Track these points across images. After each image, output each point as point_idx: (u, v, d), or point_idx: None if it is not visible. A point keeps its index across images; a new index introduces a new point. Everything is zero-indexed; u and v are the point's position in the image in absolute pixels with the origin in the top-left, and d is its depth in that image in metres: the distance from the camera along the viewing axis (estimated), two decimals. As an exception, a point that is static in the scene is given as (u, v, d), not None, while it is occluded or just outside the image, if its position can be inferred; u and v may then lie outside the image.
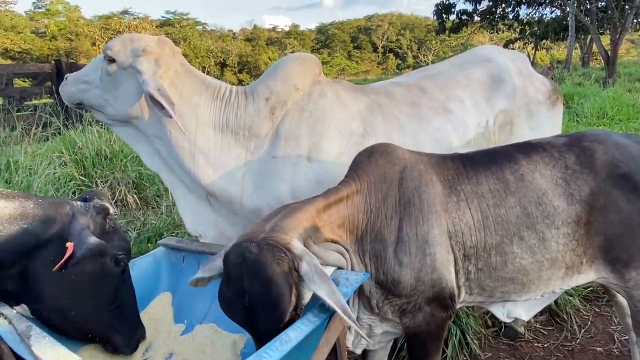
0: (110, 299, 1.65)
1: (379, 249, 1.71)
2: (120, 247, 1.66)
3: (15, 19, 46.97)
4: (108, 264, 1.62)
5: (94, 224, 1.58)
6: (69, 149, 5.38)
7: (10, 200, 1.53)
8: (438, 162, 1.84)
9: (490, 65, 2.45)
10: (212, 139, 2.15)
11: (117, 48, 2.06)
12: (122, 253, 1.66)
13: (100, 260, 1.60)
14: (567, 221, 1.78)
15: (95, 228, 1.58)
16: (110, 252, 1.62)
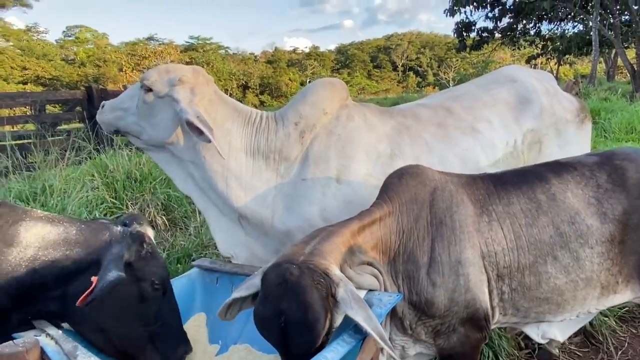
0: (150, 321, 1.69)
1: (411, 269, 1.72)
2: (156, 273, 1.70)
3: (46, 47, 48.98)
4: (145, 289, 1.67)
5: (129, 252, 1.63)
6: (101, 172, 5.54)
7: (56, 225, 1.61)
8: (468, 182, 1.85)
9: (516, 86, 2.47)
10: (244, 163, 2.21)
11: (154, 78, 2.16)
12: (159, 279, 1.70)
13: (136, 285, 1.65)
14: (600, 240, 1.77)
15: (130, 255, 1.63)
16: (147, 277, 1.66)
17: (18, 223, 1.56)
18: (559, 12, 19.80)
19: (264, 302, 1.46)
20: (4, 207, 1.58)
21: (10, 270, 1.51)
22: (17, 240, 1.54)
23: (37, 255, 1.55)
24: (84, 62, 49.02)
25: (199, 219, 4.91)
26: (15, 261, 1.52)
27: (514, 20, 22.33)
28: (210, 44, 58.33)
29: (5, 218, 1.55)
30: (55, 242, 1.58)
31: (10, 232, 1.54)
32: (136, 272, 1.64)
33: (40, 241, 1.56)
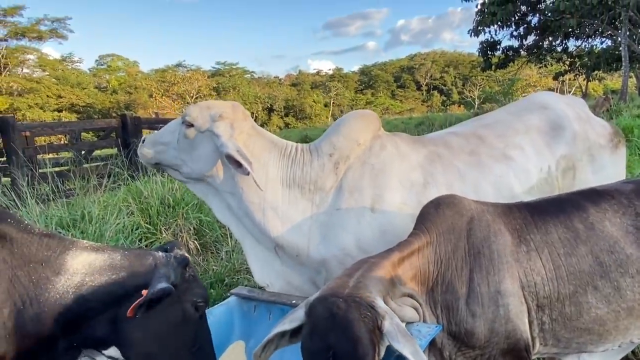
0: (191, 343, 1.75)
1: (450, 300, 1.73)
2: (199, 295, 1.77)
3: (80, 76, 51.04)
4: (188, 310, 1.73)
5: (174, 274, 1.69)
6: (136, 198, 5.71)
7: (100, 252, 1.69)
8: (504, 211, 1.86)
9: (547, 112, 2.48)
10: (280, 193, 2.28)
11: (196, 114, 2.27)
12: (202, 300, 1.77)
13: (181, 306, 1.71)
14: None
15: (175, 277, 1.69)
16: (190, 299, 1.73)
17: (65, 252, 1.64)
18: (586, 29, 19.57)
19: (311, 336, 1.48)
20: (52, 238, 1.66)
21: (59, 298, 1.58)
22: (65, 269, 1.61)
23: (84, 281, 1.61)
24: (115, 90, 50.82)
25: (231, 244, 5.00)
26: (63, 288, 1.59)
27: (539, 37, 22.14)
28: (236, 68, 59.74)
29: (54, 248, 1.63)
30: (102, 268, 1.65)
31: (58, 262, 1.61)
32: (180, 294, 1.70)
33: (87, 268, 1.63)
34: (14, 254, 1.56)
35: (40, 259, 1.59)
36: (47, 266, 1.60)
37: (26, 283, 1.56)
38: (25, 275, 1.56)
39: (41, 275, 1.58)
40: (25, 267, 1.56)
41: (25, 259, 1.57)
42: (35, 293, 1.56)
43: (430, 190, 2.24)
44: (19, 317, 1.53)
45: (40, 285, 1.57)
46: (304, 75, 68.08)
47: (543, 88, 42.82)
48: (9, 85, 40.36)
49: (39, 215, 4.87)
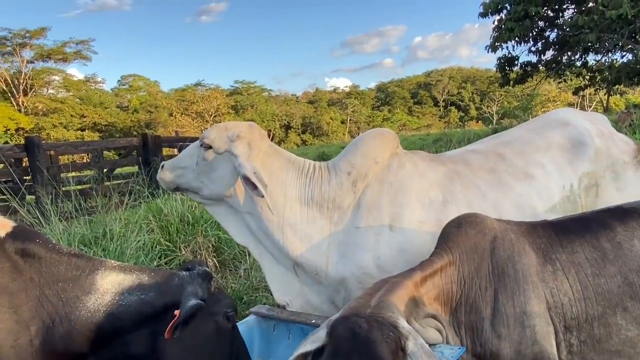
0: (228, 353, 1.78)
1: (474, 320, 1.70)
2: (228, 305, 1.81)
3: (103, 96, 52.31)
4: (220, 322, 1.77)
5: (201, 290, 1.73)
6: (156, 216, 5.79)
7: (128, 273, 1.73)
8: (528, 230, 1.83)
9: (569, 129, 2.45)
10: (298, 212, 2.29)
11: (214, 136, 2.30)
12: (231, 310, 1.81)
13: (212, 319, 1.75)
14: None
15: (203, 293, 1.72)
16: (220, 311, 1.77)
17: (94, 272, 1.68)
18: (605, 43, 19.35)
19: (333, 357, 1.45)
20: (80, 258, 1.70)
21: (90, 316, 1.61)
22: (95, 288, 1.64)
23: (115, 301, 1.65)
24: (137, 109, 51.89)
25: (249, 261, 5.01)
26: (94, 307, 1.62)
27: (558, 53, 21.94)
28: (254, 87, 60.52)
29: (83, 268, 1.67)
30: (131, 288, 1.68)
31: (87, 281, 1.65)
32: (210, 308, 1.74)
33: (116, 287, 1.67)
34: (42, 273, 1.60)
35: (69, 278, 1.63)
36: (77, 285, 1.63)
37: (55, 301, 1.59)
38: (54, 294, 1.59)
39: (71, 294, 1.61)
40: (54, 286, 1.60)
41: (53, 278, 1.61)
42: (65, 311, 1.59)
43: (450, 208, 2.22)
44: (47, 335, 1.56)
45: (70, 303, 1.60)
46: (321, 93, 68.60)
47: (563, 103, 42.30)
48: (35, 106, 41.61)
49: (62, 233, 4.97)
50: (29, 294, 1.57)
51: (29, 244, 1.62)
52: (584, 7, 17.87)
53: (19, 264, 1.57)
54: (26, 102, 41.19)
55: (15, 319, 1.52)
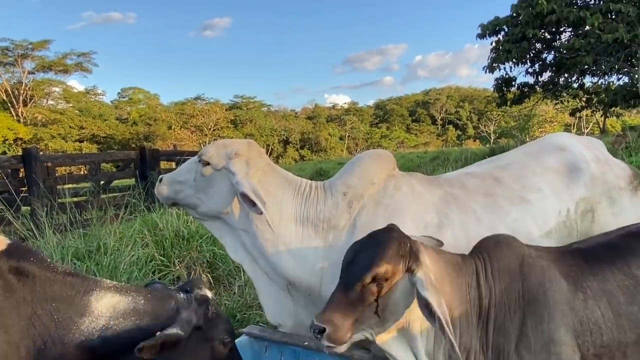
0: None
1: (501, 342, 1.69)
2: (225, 331, 1.78)
3: (102, 107, 52.51)
4: (216, 347, 1.74)
5: (197, 316, 1.70)
6: (151, 230, 5.76)
7: (124, 294, 1.69)
8: (558, 257, 1.82)
9: (565, 154, 2.46)
10: (294, 231, 2.28)
11: (212, 153, 2.31)
12: (228, 336, 1.77)
13: (208, 345, 1.72)
14: None
15: (199, 319, 1.70)
16: (217, 336, 1.74)
17: (89, 293, 1.64)
18: (602, 66, 19.59)
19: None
20: (76, 278, 1.67)
21: (84, 340, 1.57)
22: (89, 310, 1.61)
23: (109, 325, 1.62)
24: (136, 121, 52.00)
25: (244, 278, 4.97)
26: (88, 331, 1.59)
27: (555, 74, 22.19)
28: (253, 102, 60.86)
29: (77, 288, 1.63)
30: (125, 312, 1.65)
31: (82, 302, 1.62)
32: (206, 334, 1.71)
33: (111, 311, 1.64)
34: (36, 292, 1.57)
35: (63, 298, 1.59)
36: (71, 307, 1.60)
37: (48, 322, 1.55)
38: (46, 314, 1.56)
39: (64, 315, 1.58)
40: (47, 306, 1.56)
41: (47, 297, 1.58)
42: (58, 333, 1.55)
43: (445, 231, 2.22)
44: (39, 356, 1.53)
45: (64, 325, 1.57)
46: (320, 109, 69.00)
47: (560, 123, 42.64)
48: (34, 116, 41.68)
49: (55, 246, 4.93)
50: (21, 313, 1.54)
51: (23, 263, 1.59)
52: (580, 31, 18.12)
53: (12, 283, 1.54)
54: (25, 113, 41.26)
55: (6, 339, 1.48)
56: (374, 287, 1.55)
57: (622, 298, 1.71)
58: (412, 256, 1.58)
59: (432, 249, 1.73)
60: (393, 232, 1.65)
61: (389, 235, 1.63)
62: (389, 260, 1.55)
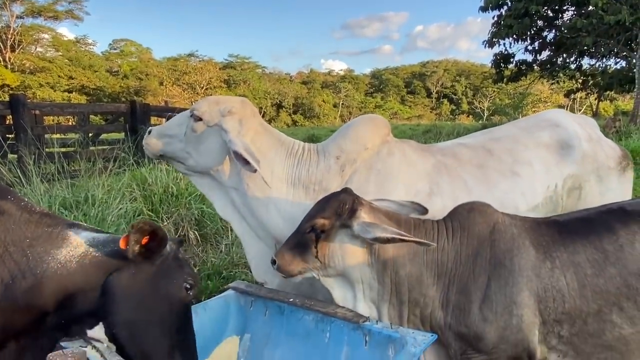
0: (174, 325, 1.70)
1: (463, 302, 1.78)
2: (190, 275, 1.74)
3: (93, 58, 51.14)
4: (178, 287, 1.69)
5: (169, 248, 1.69)
6: (140, 185, 5.73)
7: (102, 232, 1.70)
8: (532, 227, 1.89)
9: (558, 130, 2.47)
10: (284, 192, 2.28)
11: (205, 108, 2.27)
12: (192, 280, 1.73)
13: (171, 282, 1.68)
14: None
15: (170, 252, 1.69)
16: (180, 278, 1.70)
17: (68, 228, 1.64)
18: (601, 48, 19.49)
19: None
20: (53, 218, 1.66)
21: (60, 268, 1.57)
22: (68, 242, 1.60)
23: (88, 252, 1.61)
24: (126, 75, 50.92)
25: (231, 237, 5.00)
26: (65, 259, 1.58)
27: (554, 54, 22.06)
28: (248, 62, 59.74)
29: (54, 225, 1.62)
30: (105, 241, 1.65)
31: (60, 236, 1.61)
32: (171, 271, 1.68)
33: (91, 241, 1.63)
34: (9, 230, 1.56)
35: (38, 235, 1.58)
36: (47, 241, 1.58)
37: (18, 258, 1.54)
38: (19, 251, 1.54)
39: (38, 249, 1.56)
40: (20, 244, 1.55)
41: (21, 235, 1.56)
42: (29, 266, 1.54)
43: (435, 199, 2.24)
44: (6, 292, 1.52)
45: (37, 258, 1.55)
46: (315, 74, 68.07)
47: (554, 104, 42.65)
48: (22, 63, 40.57)
49: (42, 194, 4.89)
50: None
51: (0, 201, 1.58)
52: (583, 10, 17.92)
53: None
54: (13, 59, 40.11)
55: None
56: (312, 236, 1.87)
57: (590, 270, 1.79)
58: (349, 213, 1.82)
59: (383, 210, 1.93)
60: (341, 193, 1.92)
61: (335, 195, 1.92)
62: (326, 216, 1.85)
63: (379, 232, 1.73)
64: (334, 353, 1.89)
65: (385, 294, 1.89)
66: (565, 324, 1.79)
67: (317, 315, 1.96)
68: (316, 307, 1.94)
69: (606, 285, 1.77)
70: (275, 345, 2.06)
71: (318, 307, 1.93)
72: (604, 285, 1.77)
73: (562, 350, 1.83)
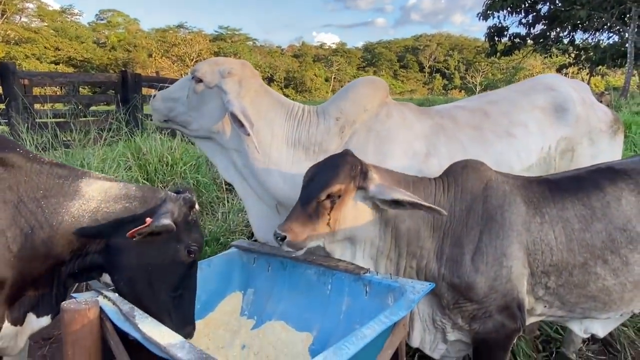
0: (174, 285, 1.76)
1: (457, 253, 1.87)
2: (196, 240, 1.79)
3: (79, 29, 49.95)
4: (181, 251, 1.75)
5: (178, 212, 1.74)
6: (134, 154, 5.72)
7: (115, 182, 1.74)
8: (524, 184, 1.97)
9: (553, 94, 2.53)
10: (284, 153, 2.32)
11: (205, 70, 2.29)
12: (196, 245, 1.78)
13: (175, 245, 1.73)
14: None
15: (179, 216, 1.73)
16: (186, 241, 1.75)
17: (79, 180, 1.68)
18: (594, 22, 19.43)
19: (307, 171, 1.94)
20: (63, 168, 1.69)
21: (74, 221, 1.63)
22: (80, 194, 1.65)
23: (100, 208, 1.66)
24: (114, 46, 49.89)
25: (227, 205, 5.06)
26: (79, 213, 1.64)
27: (547, 27, 21.97)
28: (238, 34, 58.74)
29: (66, 176, 1.67)
30: (117, 196, 1.70)
31: (72, 188, 1.65)
32: (178, 234, 1.72)
33: (102, 195, 1.68)
34: (22, 182, 1.60)
35: (51, 187, 1.63)
36: (60, 193, 1.63)
37: (34, 209, 1.59)
38: (33, 201, 1.59)
39: (52, 201, 1.61)
40: (34, 194, 1.60)
41: (34, 186, 1.61)
42: (44, 217, 1.59)
43: (432, 160, 2.30)
44: (26, 241, 1.58)
45: (52, 210, 1.61)
46: (307, 47, 67.19)
47: (545, 79, 42.49)
48: (6, 33, 39.49)
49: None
50: (7, 202, 1.57)
51: (8, 153, 1.61)
52: (578, -17, 17.76)
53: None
54: (-3, 28, 39.03)
55: None
56: (327, 203, 1.80)
57: (577, 225, 1.89)
58: (362, 175, 1.81)
59: (384, 169, 1.94)
60: (347, 156, 1.86)
61: (342, 158, 1.85)
62: (341, 181, 1.79)
63: (397, 194, 1.74)
64: (336, 304, 1.97)
65: (385, 249, 1.96)
66: (552, 276, 1.89)
67: (319, 269, 2.03)
68: (318, 261, 2.00)
69: (592, 239, 1.88)
70: (278, 299, 2.14)
71: (320, 261, 2.00)
72: (590, 239, 1.87)
73: (549, 301, 1.95)
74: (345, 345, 1.34)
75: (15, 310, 1.66)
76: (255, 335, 2.04)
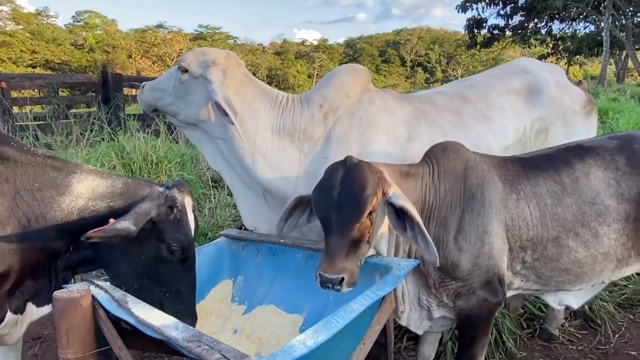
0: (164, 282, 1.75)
1: (441, 234, 1.92)
2: (177, 239, 1.73)
3: (56, 31, 49.06)
4: (162, 250, 1.73)
5: (157, 210, 1.70)
6: (118, 153, 5.69)
7: (104, 179, 1.76)
8: (500, 163, 2.05)
9: (528, 76, 2.61)
10: (269, 140, 2.36)
11: (190, 60, 2.32)
12: (177, 245, 1.73)
13: (155, 244, 1.72)
14: (617, 218, 1.97)
15: (157, 214, 1.70)
16: (166, 241, 1.72)
17: (71, 175, 1.70)
18: (571, 12, 19.78)
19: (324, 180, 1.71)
20: (56, 160, 1.72)
21: (64, 217, 1.66)
22: (70, 190, 1.68)
23: (87, 206, 1.70)
24: (93, 48, 49.14)
25: (214, 201, 5.07)
26: (68, 209, 1.67)
27: (525, 18, 22.29)
28: (219, 33, 58.34)
29: (59, 169, 1.69)
30: (103, 195, 1.72)
31: (64, 183, 1.68)
32: (158, 232, 1.72)
33: (90, 193, 1.71)
34: (18, 175, 1.62)
35: (45, 180, 1.66)
36: (53, 186, 1.66)
37: (30, 201, 1.62)
38: (29, 194, 1.62)
39: (46, 194, 1.65)
40: (29, 187, 1.63)
41: (29, 179, 1.64)
42: (40, 211, 1.63)
43: (414, 144, 2.36)
44: (25, 233, 1.61)
45: (46, 203, 1.64)
46: (289, 44, 67.03)
47: (525, 70, 43.08)
48: (-20, 37, 38.65)
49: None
50: (5, 195, 1.60)
51: (3, 147, 1.63)
52: (553, -27, 18.04)
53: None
54: (-30, 33, 38.16)
55: None
56: (367, 222, 1.66)
57: (549, 200, 1.97)
58: (383, 180, 1.72)
59: (385, 165, 1.87)
60: (364, 165, 1.71)
61: (364, 170, 1.68)
62: (374, 192, 1.66)
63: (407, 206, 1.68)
64: (324, 285, 2.01)
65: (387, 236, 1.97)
66: (529, 250, 1.97)
67: (307, 253, 2.08)
68: (305, 245, 2.05)
69: (564, 213, 1.96)
70: (268, 284, 2.18)
71: (307, 244, 2.04)
72: (561, 213, 1.96)
73: (525, 275, 2.03)
74: (334, 318, 1.39)
75: (16, 299, 1.69)
76: (247, 319, 2.08)
